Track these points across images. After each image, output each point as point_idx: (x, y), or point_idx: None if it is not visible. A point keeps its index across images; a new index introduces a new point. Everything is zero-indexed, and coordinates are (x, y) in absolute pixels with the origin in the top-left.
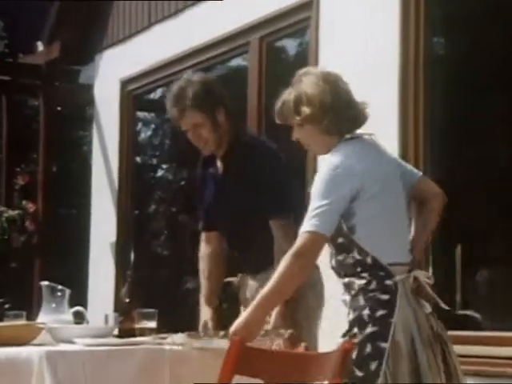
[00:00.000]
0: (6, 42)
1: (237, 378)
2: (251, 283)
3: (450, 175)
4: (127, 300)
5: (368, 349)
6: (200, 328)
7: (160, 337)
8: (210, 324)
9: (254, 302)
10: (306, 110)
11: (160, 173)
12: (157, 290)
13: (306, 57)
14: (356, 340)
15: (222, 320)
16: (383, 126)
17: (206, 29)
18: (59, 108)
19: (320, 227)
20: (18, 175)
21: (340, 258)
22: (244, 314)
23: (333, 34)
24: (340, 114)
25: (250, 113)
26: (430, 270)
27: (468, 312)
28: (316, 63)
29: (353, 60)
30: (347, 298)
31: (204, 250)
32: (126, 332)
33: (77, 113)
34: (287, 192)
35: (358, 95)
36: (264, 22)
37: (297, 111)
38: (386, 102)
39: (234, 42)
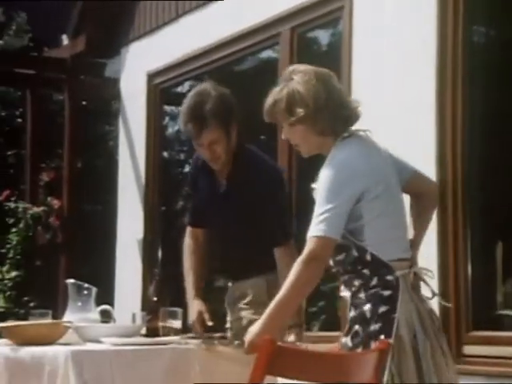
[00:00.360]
0: (31, 36)
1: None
2: (239, 288)
3: (490, 172)
4: (155, 298)
5: (372, 346)
6: (194, 321)
7: (187, 336)
8: (206, 316)
9: (268, 311)
10: (299, 110)
11: (188, 168)
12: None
13: (338, 48)
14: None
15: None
16: (419, 119)
17: (235, 20)
18: (84, 102)
19: (329, 231)
20: (42, 171)
21: (340, 257)
22: (259, 323)
23: (367, 23)
24: (334, 113)
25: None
26: (469, 269)
27: (510, 312)
28: (349, 54)
29: (388, 50)
30: (347, 294)
31: (190, 244)
32: (153, 331)
33: (102, 107)
34: (290, 218)
35: (393, 87)
36: (295, 13)
37: (289, 111)
38: (422, 95)
39: (264, 33)
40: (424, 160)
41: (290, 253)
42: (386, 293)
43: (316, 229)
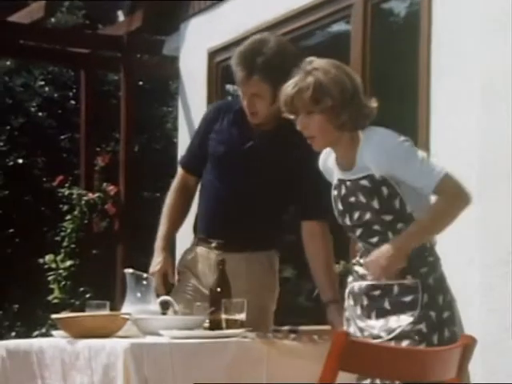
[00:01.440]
0: (84, 13)
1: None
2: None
3: None
4: (218, 289)
5: (446, 333)
6: (156, 279)
7: (247, 330)
8: (170, 274)
9: (408, 233)
10: (326, 100)
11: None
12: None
13: (416, 19)
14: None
15: None
16: (502, 93)
17: None
18: (141, 82)
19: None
20: (97, 156)
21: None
22: (398, 240)
23: None
24: (357, 109)
25: None
26: None
27: None
28: (429, 26)
29: (471, 20)
30: (408, 282)
31: (177, 186)
32: (216, 324)
33: (160, 87)
34: (327, 196)
35: (475, 59)
36: None
37: (315, 100)
38: (507, 69)
39: (334, 4)
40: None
41: (322, 231)
42: (447, 282)
43: (438, 170)
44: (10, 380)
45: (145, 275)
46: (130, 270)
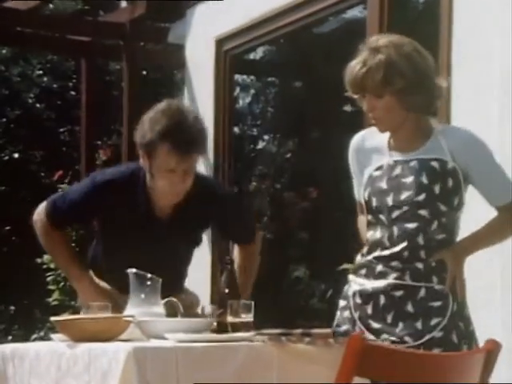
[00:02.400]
0: None
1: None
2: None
3: None
4: (226, 290)
5: (474, 348)
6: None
7: (261, 333)
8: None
9: (479, 236)
10: (398, 81)
11: (261, 145)
12: (259, 280)
13: (436, 5)
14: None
15: None
16: None
17: None
18: (145, 72)
19: None
20: (98, 149)
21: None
22: (466, 241)
23: None
24: (428, 90)
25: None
26: None
27: None
28: (449, 12)
29: (493, 5)
30: (437, 287)
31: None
32: (224, 326)
33: (165, 77)
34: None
35: (498, 48)
36: None
37: (386, 81)
38: None
39: None
40: None
41: (255, 249)
42: None
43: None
44: None
45: (149, 275)
46: (134, 270)
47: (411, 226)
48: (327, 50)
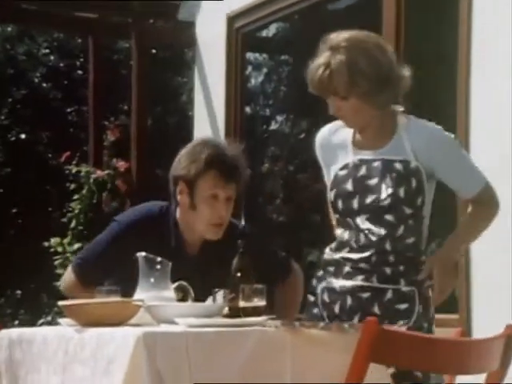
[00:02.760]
0: None
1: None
2: None
3: None
4: (238, 274)
5: None
6: None
7: (274, 318)
8: None
9: (456, 241)
10: (364, 83)
11: (274, 125)
12: (272, 264)
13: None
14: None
15: None
16: None
17: None
18: (154, 50)
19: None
20: (106, 130)
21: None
22: (450, 246)
23: None
24: (395, 85)
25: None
26: None
27: None
28: (469, 10)
29: None
30: (404, 289)
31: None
32: (236, 311)
33: (175, 55)
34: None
35: None
36: None
37: (352, 83)
38: None
39: None
40: None
41: (294, 282)
42: None
43: (482, 177)
44: (13, 373)
45: (159, 259)
46: (143, 254)
47: (378, 231)
48: (342, 26)
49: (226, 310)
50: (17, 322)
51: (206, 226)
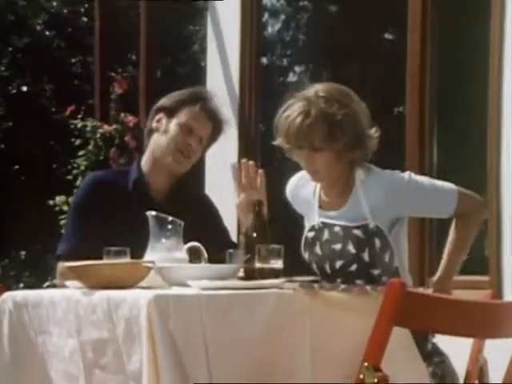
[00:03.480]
0: None
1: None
2: None
3: None
4: (254, 234)
5: None
6: None
7: (292, 280)
8: None
9: (452, 258)
10: (342, 137)
11: (292, 77)
12: (289, 223)
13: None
14: None
15: None
16: None
17: None
18: None
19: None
20: (114, 82)
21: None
22: (445, 268)
23: None
24: (368, 143)
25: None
26: None
27: None
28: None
29: None
30: None
31: None
32: (252, 273)
33: (187, 2)
34: None
35: None
36: None
37: (332, 136)
38: None
39: None
40: None
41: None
42: None
43: (450, 191)
44: (17, 336)
45: (170, 218)
46: (153, 213)
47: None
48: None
49: (241, 272)
50: (21, 285)
51: (172, 152)
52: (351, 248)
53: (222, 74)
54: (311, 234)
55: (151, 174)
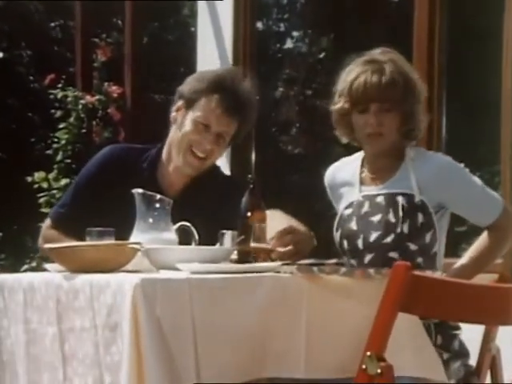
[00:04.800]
0: None
1: None
2: None
3: None
4: (248, 214)
5: None
6: None
7: (289, 263)
8: None
9: (476, 265)
10: (411, 99)
11: (290, 43)
12: (287, 201)
13: None
14: None
15: None
16: None
17: None
18: None
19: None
20: (97, 48)
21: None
22: (463, 272)
23: None
24: (422, 119)
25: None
26: None
27: None
28: None
29: None
30: None
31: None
32: (247, 255)
33: None
34: None
35: None
36: None
37: (405, 95)
38: None
39: None
40: None
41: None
42: None
43: (498, 202)
44: None
45: (158, 196)
46: (140, 190)
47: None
48: None
49: (234, 255)
50: None
51: (184, 153)
52: (391, 217)
53: (213, 41)
54: (348, 211)
55: (167, 165)
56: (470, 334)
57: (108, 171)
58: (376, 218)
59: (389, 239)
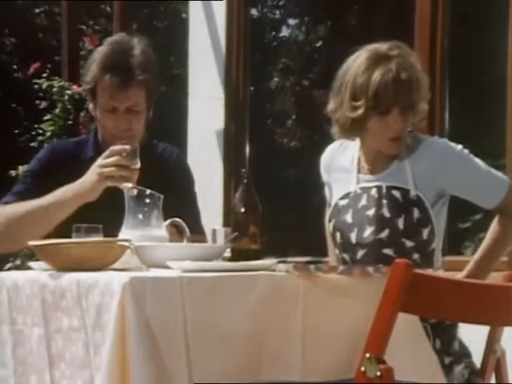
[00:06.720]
0: None
1: None
2: None
3: None
4: (242, 209)
5: None
6: None
7: (285, 261)
8: None
9: (484, 257)
10: (425, 96)
11: (286, 31)
12: (282, 197)
13: None
14: None
15: None
16: None
17: None
18: None
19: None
20: (84, 36)
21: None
22: (473, 268)
23: None
24: (421, 111)
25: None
26: None
27: None
28: None
29: None
30: None
31: None
32: (240, 254)
33: None
34: None
35: None
36: None
37: (420, 95)
38: None
39: None
40: None
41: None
42: None
43: (504, 181)
44: None
45: (149, 192)
46: (129, 185)
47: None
48: None
49: (227, 252)
50: None
51: (112, 142)
52: (385, 211)
53: (206, 28)
54: (344, 202)
55: (107, 144)
56: (473, 336)
57: (51, 164)
58: (370, 212)
59: (383, 235)
